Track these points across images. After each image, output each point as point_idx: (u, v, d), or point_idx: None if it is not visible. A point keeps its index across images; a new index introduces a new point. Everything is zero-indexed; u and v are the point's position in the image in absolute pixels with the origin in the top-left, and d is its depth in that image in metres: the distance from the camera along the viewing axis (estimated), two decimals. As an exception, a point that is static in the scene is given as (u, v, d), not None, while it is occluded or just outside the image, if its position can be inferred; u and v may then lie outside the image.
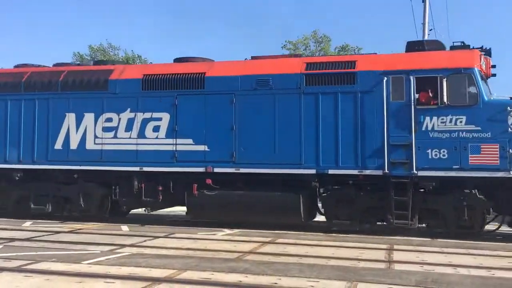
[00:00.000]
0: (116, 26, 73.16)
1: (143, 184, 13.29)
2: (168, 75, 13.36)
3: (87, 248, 9.65)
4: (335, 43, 34.66)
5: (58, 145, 13.90)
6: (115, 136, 13.54)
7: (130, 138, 13.40)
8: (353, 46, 32.79)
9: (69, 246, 9.91)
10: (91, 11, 73.83)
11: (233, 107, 12.74)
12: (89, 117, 13.77)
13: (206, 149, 12.84)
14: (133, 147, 13.35)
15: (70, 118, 13.85)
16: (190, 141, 12.99)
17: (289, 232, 12.19)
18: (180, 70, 13.44)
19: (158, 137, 13.21)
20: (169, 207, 15.02)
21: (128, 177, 13.43)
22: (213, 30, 66.64)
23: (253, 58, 13.59)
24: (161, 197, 13.21)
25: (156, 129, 13.24)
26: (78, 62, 14.13)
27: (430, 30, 22.98)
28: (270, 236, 11.44)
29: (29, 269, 7.40)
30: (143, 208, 15.17)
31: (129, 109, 13.46)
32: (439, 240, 11.18)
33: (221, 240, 11.01)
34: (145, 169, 13.21)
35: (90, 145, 13.71)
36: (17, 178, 14.30)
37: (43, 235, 11.30)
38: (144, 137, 13.30)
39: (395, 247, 10.16)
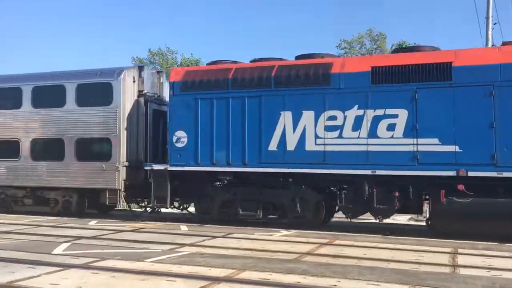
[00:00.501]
0: (172, 31, 75.38)
1: (374, 190, 12.08)
2: (405, 67, 11.93)
3: (149, 246, 9.97)
4: (391, 41, 33.94)
5: (273, 146, 12.87)
6: (340, 136, 12.31)
7: (358, 138, 12.15)
8: (410, 42, 31.94)
9: (132, 244, 10.27)
10: (148, 17, 76.42)
11: (492, 101, 11.15)
12: (308, 115, 12.59)
13: (457, 149, 11.32)
14: (363, 148, 12.09)
15: (286, 117, 12.75)
16: (435, 140, 11.53)
17: (345, 233, 12.03)
18: (419, 60, 11.96)
19: (394, 136, 11.87)
20: (403, 214, 14.26)
21: (353, 181, 12.43)
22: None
23: None
24: (397, 204, 11.98)
25: (390, 127, 11.90)
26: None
27: (495, 24, 21.93)
28: (327, 238, 11.34)
29: (96, 266, 7.74)
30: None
31: (356, 106, 12.19)
32: (506, 244, 10.67)
33: (278, 241, 11.04)
34: (379, 172, 11.89)
35: (310, 146, 12.55)
36: (225, 181, 13.75)
37: (108, 234, 11.78)
38: (376, 137, 12.00)
39: (460, 251, 9.79)
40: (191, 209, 15.35)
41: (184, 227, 13.27)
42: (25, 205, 16.21)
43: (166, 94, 16.37)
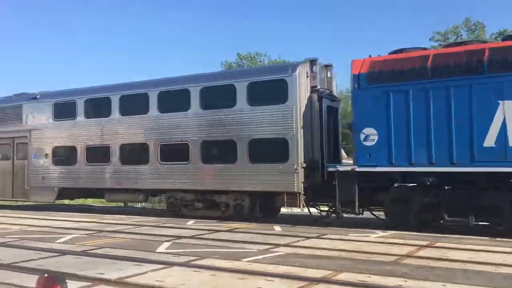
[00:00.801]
0: (260, 34, 76.52)
1: None
2: None
3: (244, 246, 10.16)
4: (490, 30, 31.71)
5: (489, 142, 11.22)
6: None
7: None
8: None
9: (228, 244, 10.52)
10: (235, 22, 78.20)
11: None
12: None
13: None
14: None
15: (507, 107, 11.05)
16: None
17: (448, 235, 11.38)
18: None
19: None
20: None
21: None
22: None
23: None
24: None
25: None
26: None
27: None
28: (427, 240, 10.81)
29: (197, 265, 8.03)
30: None
31: None
32: None
33: (374, 242, 10.71)
34: None
35: None
36: (428, 183, 12.04)
37: (205, 233, 12.18)
38: None
39: None
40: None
41: (277, 228, 13.35)
42: (195, 209, 15.88)
43: (335, 89, 15.83)
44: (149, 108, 16.73)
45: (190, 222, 14.66)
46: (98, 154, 17.73)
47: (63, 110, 18.81)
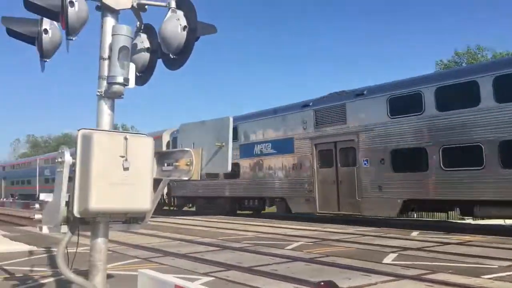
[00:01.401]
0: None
1: None
2: None
3: (481, 261, 9.18)
4: None
5: None
6: None
7: None
8: None
9: (461, 258, 9.66)
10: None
11: None
12: None
13: None
14: None
15: None
16: None
17: None
18: None
19: None
20: None
21: None
22: None
23: None
24: None
25: None
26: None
27: None
28: None
29: (429, 279, 7.56)
30: None
31: None
32: None
33: None
34: None
35: None
36: None
37: (433, 246, 11.44)
38: None
39: None
40: None
41: (518, 242, 11.75)
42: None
43: None
44: None
45: (415, 233, 13.98)
46: (462, 155, 14.42)
47: (403, 105, 16.08)
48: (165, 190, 26.38)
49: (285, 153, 20.46)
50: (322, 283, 2.75)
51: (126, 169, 3.59)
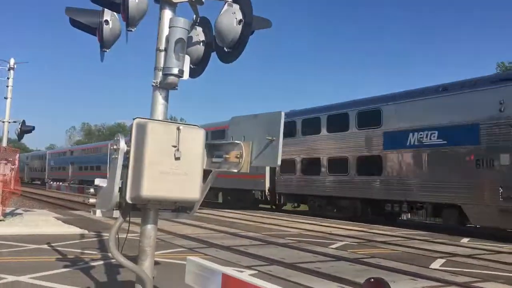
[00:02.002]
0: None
1: None
2: None
3: (535, 273, 8.76)
4: None
5: None
6: None
7: None
8: None
9: (514, 268, 9.26)
10: None
11: None
12: None
13: None
14: None
15: None
16: None
17: None
18: None
19: None
20: None
21: None
22: None
23: None
24: None
25: None
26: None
27: None
28: None
29: (477, 287, 7.29)
30: None
31: None
32: None
33: None
34: None
35: None
36: None
37: (483, 254, 11.02)
38: None
39: None
40: None
41: None
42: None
43: None
44: None
45: (465, 240, 13.51)
46: None
47: None
48: (267, 185, 24.47)
49: (463, 144, 15.46)
50: (372, 280, 2.70)
51: (177, 158, 3.65)
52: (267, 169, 23.21)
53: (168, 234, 12.49)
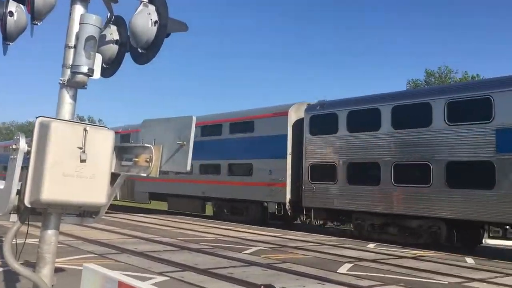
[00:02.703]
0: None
1: None
2: None
3: (432, 276, 9.41)
4: None
5: None
6: None
7: None
8: None
9: (414, 272, 9.88)
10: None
11: None
12: None
13: None
14: None
15: None
16: None
17: None
18: None
19: None
20: None
21: None
22: None
23: None
24: None
25: None
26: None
27: None
28: None
29: (380, 291, 7.71)
30: None
31: None
32: None
33: None
34: None
35: None
36: None
37: (388, 258, 11.66)
38: None
39: None
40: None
41: (469, 260, 12.10)
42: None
43: None
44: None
45: (371, 245, 14.22)
46: None
47: None
48: (288, 196, 18.53)
49: None
50: (262, 286, 2.76)
51: (83, 161, 3.50)
52: (288, 173, 18.72)
53: (78, 239, 11.94)
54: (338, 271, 9.45)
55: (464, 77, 33.96)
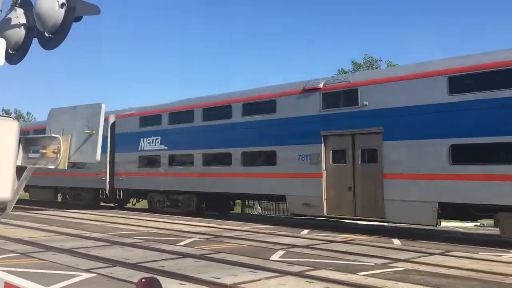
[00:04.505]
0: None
1: None
2: None
3: (360, 259, 9.73)
4: None
5: None
6: None
7: None
8: None
9: (344, 256, 10.17)
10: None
11: None
12: None
13: None
14: None
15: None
16: None
17: None
18: None
19: None
20: None
21: None
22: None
23: None
24: None
25: None
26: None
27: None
28: None
29: (310, 275, 7.84)
30: None
31: None
32: None
33: (508, 263, 9.61)
34: None
35: None
36: None
37: (320, 243, 11.94)
38: None
39: None
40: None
41: (396, 241, 12.64)
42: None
43: None
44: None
45: (305, 231, 14.51)
46: None
47: None
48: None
49: None
50: (144, 280, 2.69)
51: (-18, 154, 3.25)
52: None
53: (0, 239, 11.28)
54: (270, 259, 9.53)
55: (388, 65, 35.60)
